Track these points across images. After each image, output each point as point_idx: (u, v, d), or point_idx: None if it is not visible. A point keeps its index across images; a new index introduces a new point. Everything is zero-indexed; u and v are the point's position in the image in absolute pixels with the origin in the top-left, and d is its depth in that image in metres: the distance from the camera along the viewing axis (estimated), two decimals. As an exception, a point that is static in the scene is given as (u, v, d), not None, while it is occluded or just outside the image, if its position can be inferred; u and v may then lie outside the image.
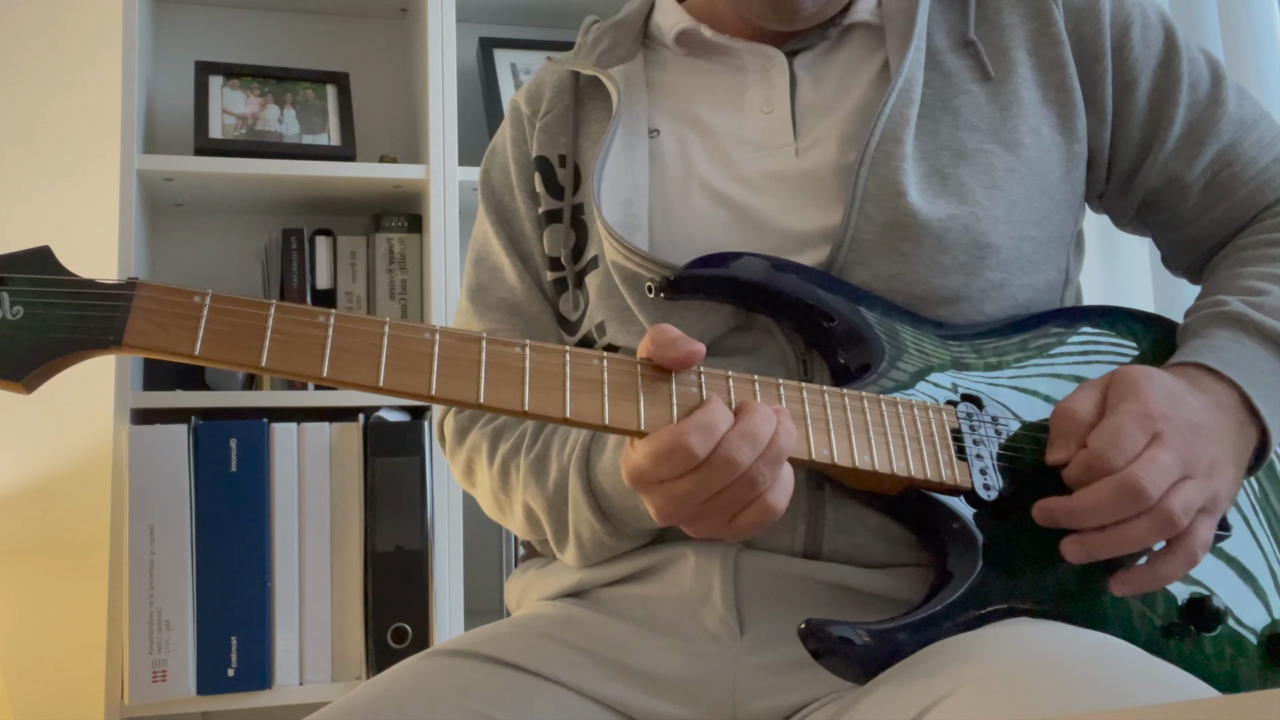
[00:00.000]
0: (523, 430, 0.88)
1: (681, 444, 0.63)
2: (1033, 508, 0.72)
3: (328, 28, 1.96)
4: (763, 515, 0.65)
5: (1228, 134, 0.88)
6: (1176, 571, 0.70)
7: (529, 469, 0.85)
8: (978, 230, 0.79)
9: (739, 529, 0.66)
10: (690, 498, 0.65)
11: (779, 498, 0.65)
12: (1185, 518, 0.68)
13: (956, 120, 0.83)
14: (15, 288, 0.61)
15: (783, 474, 0.66)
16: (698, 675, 0.77)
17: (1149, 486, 0.67)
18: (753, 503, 0.65)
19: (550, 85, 0.96)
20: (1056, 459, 0.73)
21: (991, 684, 0.57)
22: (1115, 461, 0.68)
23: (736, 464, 0.63)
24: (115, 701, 1.48)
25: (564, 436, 0.84)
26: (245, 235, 1.87)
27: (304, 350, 0.63)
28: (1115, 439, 0.69)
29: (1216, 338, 0.79)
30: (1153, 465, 0.68)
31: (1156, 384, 0.73)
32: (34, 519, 1.79)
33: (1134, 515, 0.68)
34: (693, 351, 0.67)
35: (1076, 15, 0.88)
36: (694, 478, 0.64)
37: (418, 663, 0.81)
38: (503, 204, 0.97)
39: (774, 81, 0.88)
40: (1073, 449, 0.72)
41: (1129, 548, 0.69)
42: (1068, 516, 0.70)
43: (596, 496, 0.80)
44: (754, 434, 0.64)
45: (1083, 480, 0.70)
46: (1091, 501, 0.68)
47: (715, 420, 0.64)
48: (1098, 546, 0.69)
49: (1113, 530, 0.69)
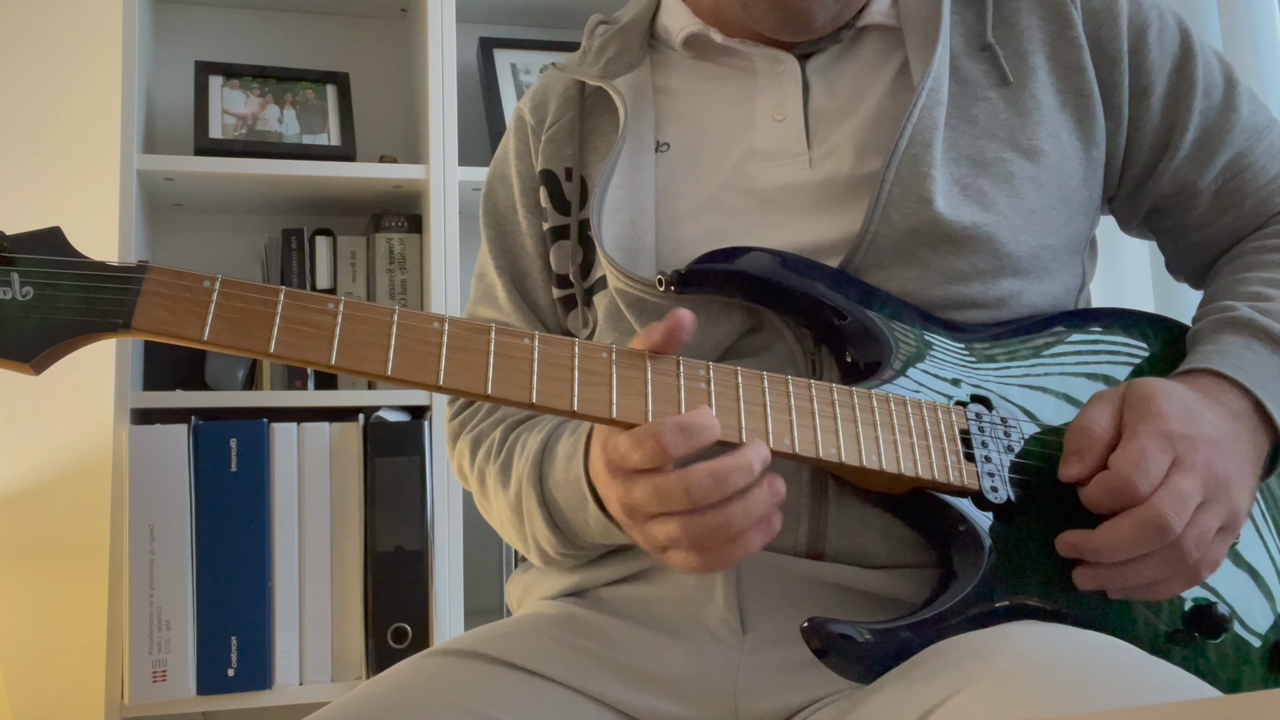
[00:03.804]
0: (492, 439, 0.88)
1: (657, 435, 0.63)
2: (1056, 540, 0.72)
3: (328, 28, 1.96)
4: (695, 564, 0.65)
5: (1240, 141, 0.87)
6: (1175, 591, 0.71)
7: (497, 477, 0.86)
8: (999, 240, 0.79)
9: (669, 560, 0.66)
10: (640, 508, 0.65)
11: (716, 560, 0.65)
12: (1198, 552, 0.69)
13: (974, 129, 0.82)
14: (26, 268, 0.60)
15: (738, 538, 0.64)
16: (699, 675, 0.77)
17: (1173, 521, 0.67)
18: (693, 548, 0.64)
19: (556, 94, 0.95)
20: (1070, 475, 0.72)
21: (995, 684, 0.57)
22: (1140, 486, 0.68)
23: (690, 496, 0.63)
24: (115, 701, 1.47)
25: (523, 445, 0.84)
26: (245, 235, 1.87)
27: (312, 337, 0.62)
28: (1140, 462, 0.68)
29: (1226, 343, 0.78)
30: (1176, 496, 0.68)
31: (1174, 400, 0.72)
32: (34, 519, 1.78)
33: (1152, 552, 0.68)
34: (675, 314, 0.67)
35: (1095, 18, 0.86)
36: (649, 487, 0.64)
37: (418, 663, 0.81)
38: (503, 220, 0.96)
39: (786, 87, 0.86)
40: (1089, 466, 0.71)
41: (1138, 581, 0.69)
42: (1092, 553, 0.70)
43: (550, 509, 0.80)
44: (721, 479, 0.63)
45: (1104, 502, 0.70)
46: (1114, 539, 0.68)
47: (697, 425, 0.64)
48: (1107, 580, 0.70)
49: (1126, 567, 0.69)
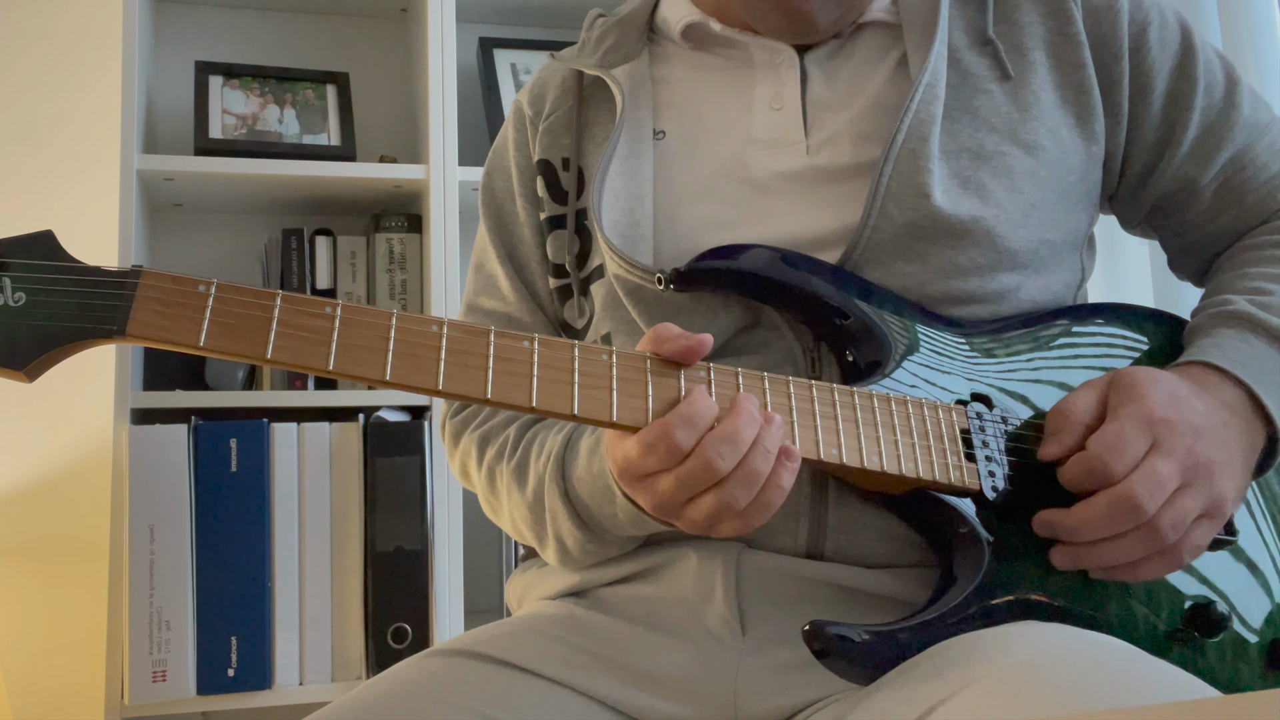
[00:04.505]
0: (505, 437, 0.87)
1: (667, 435, 0.63)
2: (1033, 519, 0.72)
3: (328, 28, 1.96)
4: (740, 526, 0.66)
5: (1241, 138, 0.87)
6: (1157, 573, 0.71)
7: (511, 476, 0.85)
8: (997, 234, 0.79)
9: (719, 533, 0.67)
10: (672, 500, 0.65)
11: (757, 515, 0.65)
12: (1174, 534, 0.69)
13: (976, 121, 0.82)
14: (17, 273, 0.59)
15: (769, 482, 0.65)
16: (699, 675, 0.77)
17: (1145, 502, 0.67)
18: (734, 513, 0.65)
19: (554, 85, 0.95)
20: (1048, 454, 0.73)
21: (995, 685, 0.57)
22: (1115, 467, 0.68)
23: (715, 469, 0.63)
24: (115, 701, 1.47)
25: (541, 444, 0.83)
26: (245, 235, 1.87)
27: (310, 342, 0.61)
28: (1116, 443, 0.69)
29: (1223, 337, 0.78)
30: (1151, 478, 0.68)
31: (1160, 386, 0.72)
32: (34, 519, 1.78)
33: (1126, 531, 0.68)
34: (700, 340, 0.67)
35: (1095, 15, 0.86)
36: (674, 479, 0.65)
37: (418, 662, 0.81)
38: (501, 209, 0.96)
39: (784, 77, 0.86)
40: (1066, 446, 0.72)
41: (1114, 561, 0.70)
42: (1066, 532, 0.70)
43: (575, 506, 0.80)
44: (734, 438, 0.64)
45: (1080, 482, 0.70)
46: (1088, 517, 0.69)
47: (698, 412, 0.64)
48: (1084, 559, 0.71)
49: (1101, 545, 0.70)
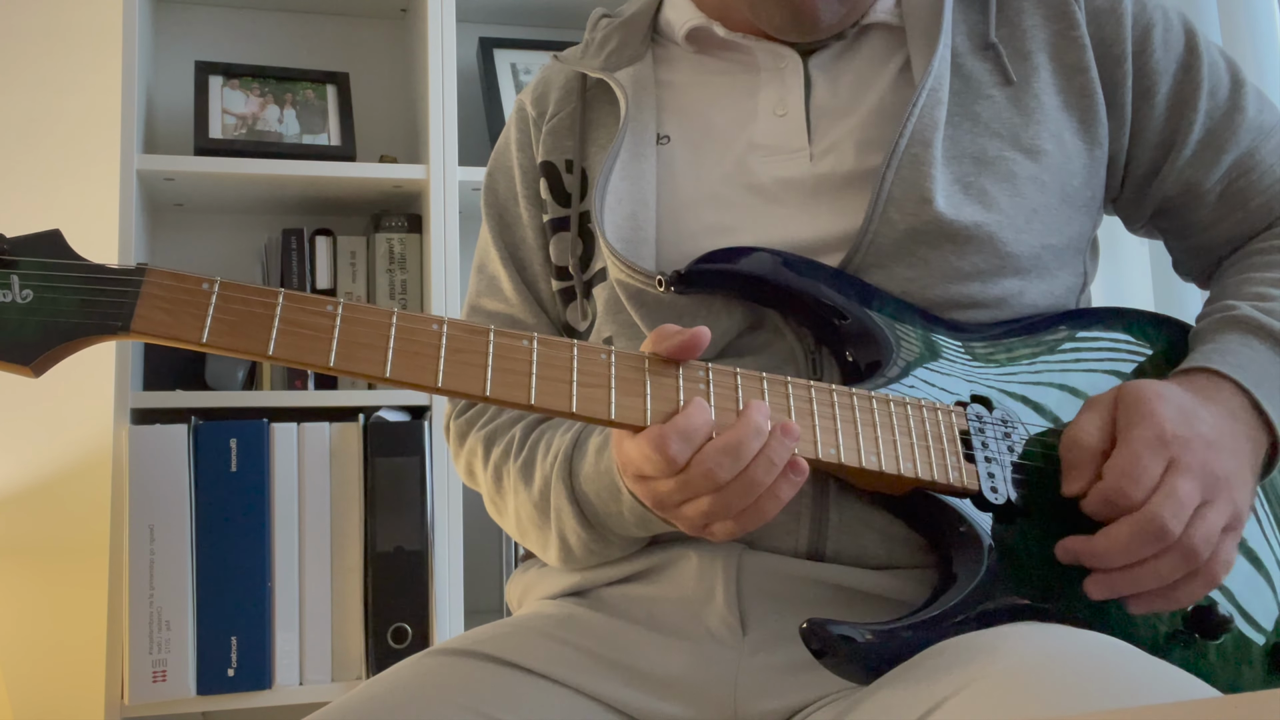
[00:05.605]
0: (511, 436, 0.87)
1: (662, 448, 0.64)
2: (1055, 547, 0.71)
3: (328, 28, 1.96)
4: (734, 529, 0.67)
5: (1246, 141, 0.87)
6: (1196, 595, 0.70)
7: (518, 474, 0.85)
8: (1000, 239, 0.78)
9: (713, 534, 0.68)
10: (669, 499, 0.67)
11: (751, 520, 0.66)
12: (1208, 549, 0.68)
13: (978, 126, 0.82)
14: (25, 271, 0.61)
15: (767, 492, 0.66)
16: (700, 675, 0.77)
17: (1170, 523, 0.66)
18: (728, 516, 0.66)
19: (557, 86, 0.94)
20: (1072, 491, 0.72)
21: (995, 685, 0.57)
22: (1134, 494, 0.67)
23: (715, 478, 0.64)
24: (115, 701, 1.47)
25: (548, 443, 0.83)
26: (245, 235, 1.87)
27: (311, 339, 0.62)
28: (1132, 470, 0.68)
29: (1225, 342, 0.78)
30: (1173, 498, 0.67)
31: (1168, 402, 0.71)
32: (34, 519, 1.78)
33: (1158, 553, 0.67)
34: (696, 333, 0.67)
35: (1098, 18, 0.86)
36: (674, 483, 0.66)
37: (418, 662, 0.81)
38: (504, 210, 0.95)
39: (788, 82, 0.86)
40: (1088, 479, 0.71)
41: (1152, 584, 0.68)
42: (1092, 559, 0.69)
43: (580, 504, 0.80)
44: (736, 451, 0.64)
45: (1103, 513, 0.69)
46: (1114, 544, 0.68)
47: (695, 426, 0.65)
48: (1120, 585, 0.69)
49: (1137, 569, 0.68)
